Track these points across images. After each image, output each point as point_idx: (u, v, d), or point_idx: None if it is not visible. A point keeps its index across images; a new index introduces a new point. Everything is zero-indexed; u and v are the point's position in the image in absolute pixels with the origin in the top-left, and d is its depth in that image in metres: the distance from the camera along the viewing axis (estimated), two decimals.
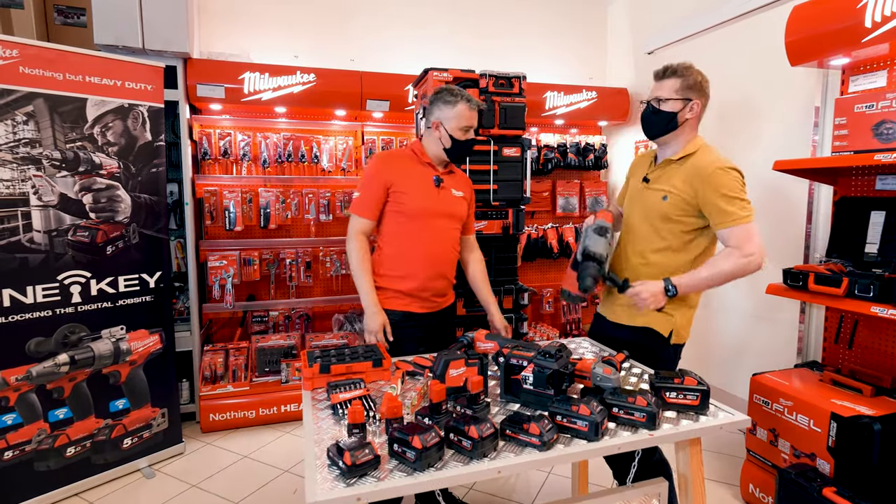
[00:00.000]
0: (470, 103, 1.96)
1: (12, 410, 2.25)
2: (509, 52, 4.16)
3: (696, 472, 1.45)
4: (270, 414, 3.20)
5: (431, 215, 2.00)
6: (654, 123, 1.80)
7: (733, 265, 1.64)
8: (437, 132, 1.99)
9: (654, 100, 1.78)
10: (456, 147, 1.99)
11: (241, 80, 3.19)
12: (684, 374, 1.45)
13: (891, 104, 2.00)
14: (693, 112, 1.76)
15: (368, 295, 1.96)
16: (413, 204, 1.98)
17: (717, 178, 1.67)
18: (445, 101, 1.96)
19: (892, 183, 2.23)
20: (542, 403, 1.40)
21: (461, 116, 1.95)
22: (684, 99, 1.75)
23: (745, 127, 3.11)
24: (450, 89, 1.98)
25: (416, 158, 2.04)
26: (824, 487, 1.83)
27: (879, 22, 1.98)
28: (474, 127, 2.00)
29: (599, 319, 2.03)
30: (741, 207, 1.65)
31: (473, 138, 2.02)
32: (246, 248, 3.42)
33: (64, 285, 2.37)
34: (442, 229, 2.04)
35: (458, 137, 1.97)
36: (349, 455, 1.10)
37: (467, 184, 2.18)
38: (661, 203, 1.78)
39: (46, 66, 2.29)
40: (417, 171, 2.02)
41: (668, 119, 1.76)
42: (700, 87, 1.76)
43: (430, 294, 2.05)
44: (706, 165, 1.70)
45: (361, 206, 2.00)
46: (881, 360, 2.26)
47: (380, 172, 1.99)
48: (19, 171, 2.24)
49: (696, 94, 1.75)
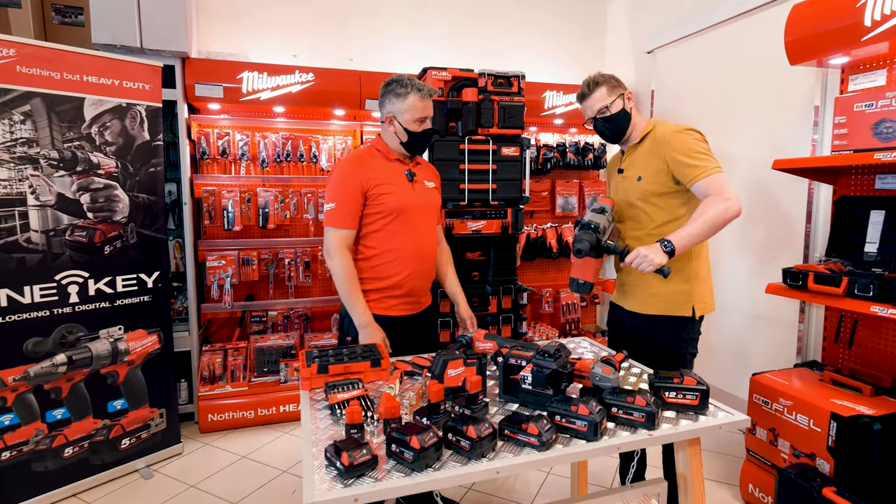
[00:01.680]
0: (421, 93, 1.87)
1: (10, 411, 2.24)
2: (508, 51, 4.15)
3: (695, 472, 1.44)
4: (269, 414, 3.19)
5: (412, 211, 1.94)
6: (614, 128, 1.91)
7: (716, 210, 1.68)
8: (392, 126, 1.91)
9: (599, 112, 1.89)
10: (413, 140, 1.92)
11: (240, 80, 3.18)
12: (683, 373, 1.45)
13: (890, 103, 1.99)
14: (631, 101, 1.91)
15: (364, 314, 1.86)
16: (394, 202, 1.89)
17: (675, 140, 1.79)
18: (396, 94, 1.88)
19: (892, 182, 2.22)
20: (540, 403, 1.39)
21: (414, 108, 1.87)
22: (619, 95, 1.88)
23: (745, 126, 3.11)
24: (399, 80, 1.89)
25: (382, 156, 1.96)
26: (824, 487, 1.83)
27: (879, 21, 1.98)
28: (430, 116, 1.92)
29: (616, 310, 2.08)
30: (706, 160, 1.74)
31: (430, 128, 1.95)
32: (244, 247, 3.41)
33: (61, 285, 2.37)
34: (423, 224, 1.99)
35: (413, 130, 1.89)
36: (347, 455, 1.09)
37: (434, 173, 2.14)
38: (637, 185, 1.88)
39: (44, 66, 2.29)
40: (389, 169, 1.94)
41: (622, 117, 1.89)
42: (618, 81, 1.90)
43: (416, 294, 2.01)
44: (664, 133, 1.84)
45: (340, 217, 1.87)
46: (881, 359, 2.25)
47: (354, 176, 1.88)
48: (16, 171, 2.23)
49: (621, 87, 1.90)
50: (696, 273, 1.87)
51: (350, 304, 1.89)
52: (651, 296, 1.90)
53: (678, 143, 1.78)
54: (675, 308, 1.87)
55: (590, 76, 1.91)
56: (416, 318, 2.04)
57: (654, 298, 1.89)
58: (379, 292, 1.94)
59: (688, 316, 1.86)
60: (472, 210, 2.76)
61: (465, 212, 2.75)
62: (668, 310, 1.87)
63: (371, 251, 1.93)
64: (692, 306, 1.86)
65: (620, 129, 1.91)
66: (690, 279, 1.86)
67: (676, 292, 1.86)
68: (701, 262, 1.89)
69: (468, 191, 2.71)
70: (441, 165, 2.64)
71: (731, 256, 3.19)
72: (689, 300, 1.86)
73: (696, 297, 1.87)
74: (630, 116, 1.90)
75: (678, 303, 1.86)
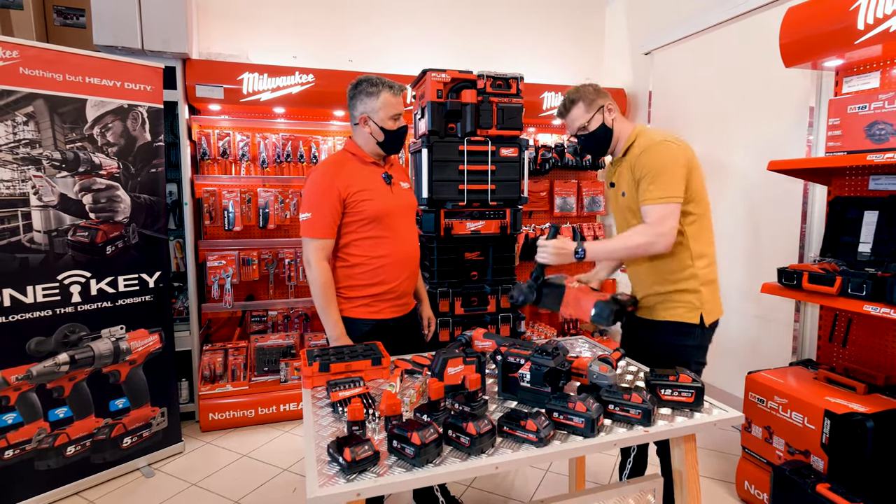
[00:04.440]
0: (393, 89, 1.87)
1: (13, 410, 2.26)
2: (507, 52, 4.17)
3: (690, 469, 1.47)
4: (269, 413, 3.21)
5: (393, 214, 1.92)
6: (596, 144, 1.87)
7: (639, 242, 1.68)
8: (367, 127, 1.89)
9: (579, 130, 1.85)
10: (389, 138, 1.90)
11: (240, 81, 3.20)
12: (679, 371, 1.47)
13: (883, 105, 2.02)
14: (612, 112, 1.84)
15: (336, 326, 1.86)
16: (374, 208, 1.87)
17: (645, 157, 1.72)
18: (368, 94, 1.86)
19: (885, 183, 2.25)
20: (538, 401, 1.42)
21: (388, 105, 1.86)
22: (598, 110, 1.82)
23: (741, 127, 3.13)
24: (369, 79, 1.87)
25: (357, 160, 1.93)
26: (818, 484, 1.85)
27: (872, 24, 2.01)
28: (402, 113, 1.91)
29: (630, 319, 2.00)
30: (662, 185, 1.67)
31: (405, 125, 1.93)
32: (245, 247, 3.43)
33: (64, 285, 2.39)
34: (404, 226, 1.98)
35: (389, 128, 1.88)
36: (349, 451, 1.11)
37: (405, 172, 2.15)
38: (623, 200, 1.84)
39: (46, 67, 2.30)
40: (366, 174, 1.92)
41: (602, 133, 1.84)
42: (596, 92, 1.84)
43: (403, 296, 2.01)
44: (641, 146, 1.76)
45: (318, 227, 1.84)
46: (874, 357, 2.28)
47: (331, 185, 1.84)
48: (19, 172, 2.25)
49: (600, 99, 1.83)
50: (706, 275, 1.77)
51: (324, 315, 1.87)
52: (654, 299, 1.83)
53: (646, 159, 1.72)
54: (681, 314, 1.78)
55: (568, 93, 1.87)
56: (405, 319, 2.05)
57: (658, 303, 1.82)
58: (369, 298, 1.93)
59: (695, 323, 1.77)
60: (471, 210, 2.78)
61: (464, 212, 2.77)
62: (674, 315, 1.79)
63: (358, 258, 1.91)
64: (700, 313, 1.76)
65: (602, 145, 1.86)
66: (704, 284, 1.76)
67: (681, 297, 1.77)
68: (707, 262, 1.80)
69: (467, 191, 2.73)
70: (440, 166, 2.67)
71: (727, 256, 3.22)
72: (697, 306, 1.76)
73: (704, 303, 1.77)
74: (611, 131, 1.83)
75: (685, 309, 1.78)
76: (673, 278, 1.78)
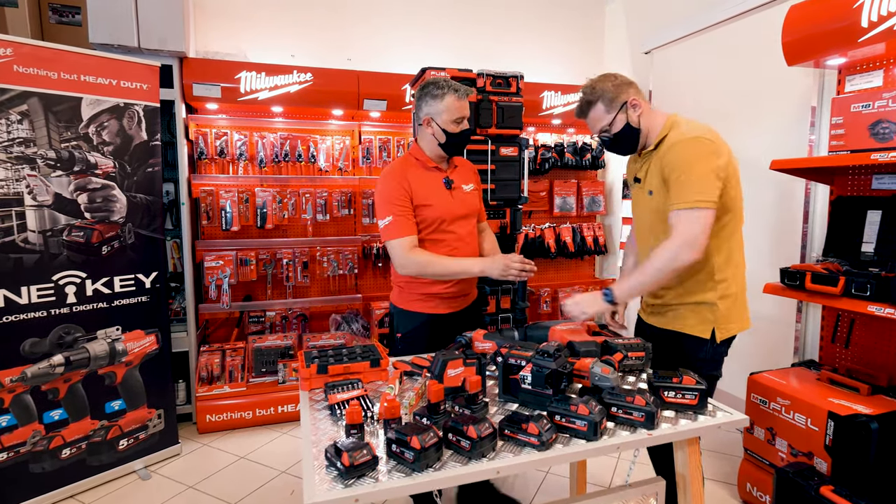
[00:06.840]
0: (458, 93, 1.89)
1: (7, 412, 2.23)
2: (507, 51, 4.16)
3: (694, 472, 1.45)
4: (267, 415, 3.19)
5: (451, 220, 1.96)
6: (621, 144, 1.72)
7: (665, 260, 1.53)
8: (430, 128, 1.92)
9: (601, 132, 1.71)
10: (451, 141, 1.93)
11: (238, 80, 3.17)
12: (682, 373, 1.45)
13: (887, 104, 2.00)
14: (637, 107, 1.66)
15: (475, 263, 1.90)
16: (433, 214, 1.92)
17: (670, 156, 1.57)
18: (433, 96, 1.89)
19: (889, 182, 2.24)
20: (540, 403, 1.39)
21: (451, 108, 1.88)
22: (620, 108, 1.66)
23: (743, 126, 3.11)
24: (436, 82, 1.90)
25: (421, 165, 1.98)
26: (821, 486, 1.83)
27: (875, 21, 1.99)
28: (466, 117, 1.93)
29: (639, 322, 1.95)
30: (692, 186, 1.51)
31: (468, 128, 1.96)
32: (242, 248, 3.41)
33: (59, 286, 2.36)
34: (463, 232, 2.01)
35: (451, 130, 1.91)
36: (347, 456, 1.09)
37: (472, 170, 2.15)
38: (649, 201, 1.70)
39: (41, 65, 2.28)
40: (429, 179, 1.96)
41: (627, 133, 1.68)
42: (616, 88, 1.66)
43: (457, 297, 2.03)
44: (672, 140, 1.60)
45: (400, 228, 1.87)
46: (878, 358, 2.26)
47: (401, 187, 1.90)
48: (13, 171, 2.22)
49: (622, 94, 1.66)
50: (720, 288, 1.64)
51: (456, 271, 1.91)
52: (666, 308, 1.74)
53: (674, 156, 1.56)
54: (692, 326, 1.68)
55: (584, 91, 1.69)
56: (465, 312, 2.09)
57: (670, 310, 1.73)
58: (425, 296, 1.98)
59: (705, 338, 1.66)
60: None
61: None
62: (684, 327, 1.69)
63: None
64: (713, 328, 1.65)
65: (628, 145, 1.72)
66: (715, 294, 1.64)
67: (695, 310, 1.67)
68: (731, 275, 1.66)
69: None
70: None
71: None
72: (711, 320, 1.65)
73: (720, 318, 1.65)
74: (638, 130, 1.67)
75: (697, 321, 1.67)
76: (690, 290, 1.67)
